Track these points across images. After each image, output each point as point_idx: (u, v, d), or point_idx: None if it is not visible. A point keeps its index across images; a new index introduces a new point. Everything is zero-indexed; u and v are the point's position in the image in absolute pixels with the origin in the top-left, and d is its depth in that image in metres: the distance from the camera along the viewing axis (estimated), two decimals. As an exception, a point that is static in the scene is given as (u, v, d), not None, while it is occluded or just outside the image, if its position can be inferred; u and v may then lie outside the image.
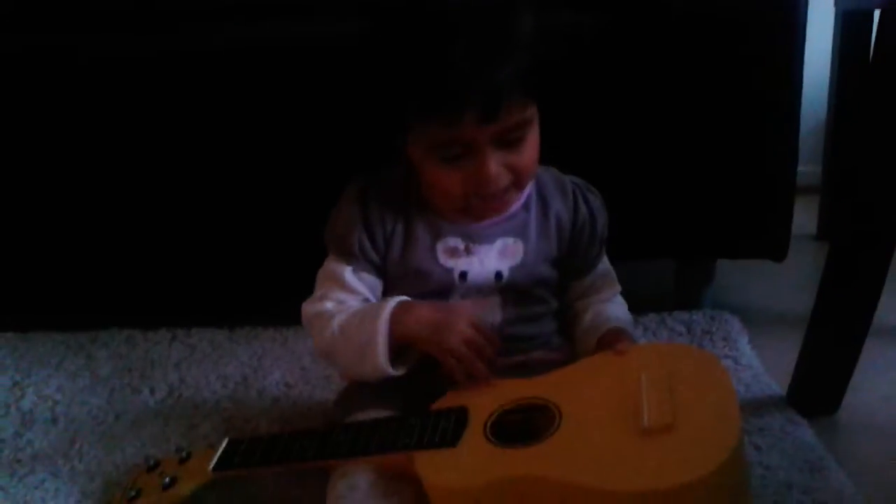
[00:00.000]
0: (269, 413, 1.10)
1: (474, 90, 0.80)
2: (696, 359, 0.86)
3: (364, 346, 0.86)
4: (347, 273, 0.92)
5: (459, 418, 0.82)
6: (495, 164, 0.85)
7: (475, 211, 0.91)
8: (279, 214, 1.28)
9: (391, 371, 0.87)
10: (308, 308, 0.94)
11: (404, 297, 0.89)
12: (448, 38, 0.81)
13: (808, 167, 1.73)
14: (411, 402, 0.88)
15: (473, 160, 0.85)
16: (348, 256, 0.92)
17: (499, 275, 0.92)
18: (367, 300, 0.93)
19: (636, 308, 1.23)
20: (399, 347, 0.87)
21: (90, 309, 1.36)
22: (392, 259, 0.92)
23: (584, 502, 0.71)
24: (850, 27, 1.62)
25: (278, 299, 1.35)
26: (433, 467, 0.78)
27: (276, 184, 1.27)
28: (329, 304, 0.92)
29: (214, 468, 0.88)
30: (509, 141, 0.86)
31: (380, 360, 0.86)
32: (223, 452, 0.89)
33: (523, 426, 0.80)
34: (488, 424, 0.81)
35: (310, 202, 1.25)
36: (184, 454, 0.91)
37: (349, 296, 0.92)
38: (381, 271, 0.94)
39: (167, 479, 0.87)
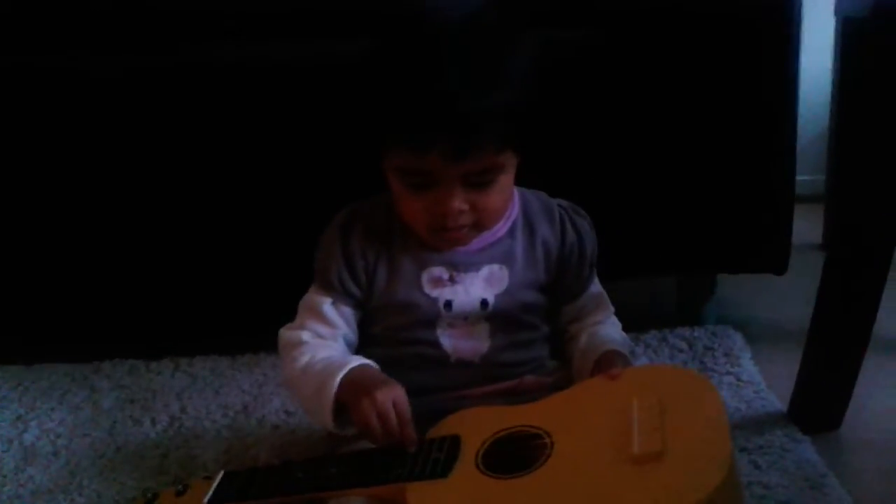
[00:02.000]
0: (269, 441, 1.10)
1: (445, 127, 0.80)
2: (688, 382, 0.85)
3: (316, 398, 0.86)
4: (326, 305, 0.92)
5: (451, 448, 0.82)
6: (458, 201, 0.85)
7: (433, 240, 0.91)
8: (280, 241, 1.29)
9: (337, 430, 0.87)
10: (284, 334, 0.94)
11: (365, 361, 0.89)
12: (433, 69, 0.81)
13: (812, 176, 1.73)
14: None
15: (437, 192, 0.85)
16: (328, 288, 0.93)
17: (484, 303, 0.91)
18: (343, 334, 0.93)
19: (637, 325, 1.24)
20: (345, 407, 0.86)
21: (94, 339, 1.37)
22: (377, 290, 0.93)
23: None
24: (849, 34, 1.61)
25: (280, 325, 1.36)
26: (424, 499, 0.77)
27: (276, 210, 1.27)
28: (305, 335, 0.92)
29: (209, 501, 0.87)
30: (477, 182, 0.85)
31: (326, 417, 0.86)
32: (218, 485, 0.89)
33: (515, 455, 0.80)
34: (480, 454, 0.80)
35: (310, 229, 1.26)
36: (180, 487, 0.91)
37: (325, 328, 0.92)
38: (359, 304, 0.94)
39: (163, 512, 0.88)
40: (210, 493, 0.88)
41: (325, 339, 0.92)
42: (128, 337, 1.37)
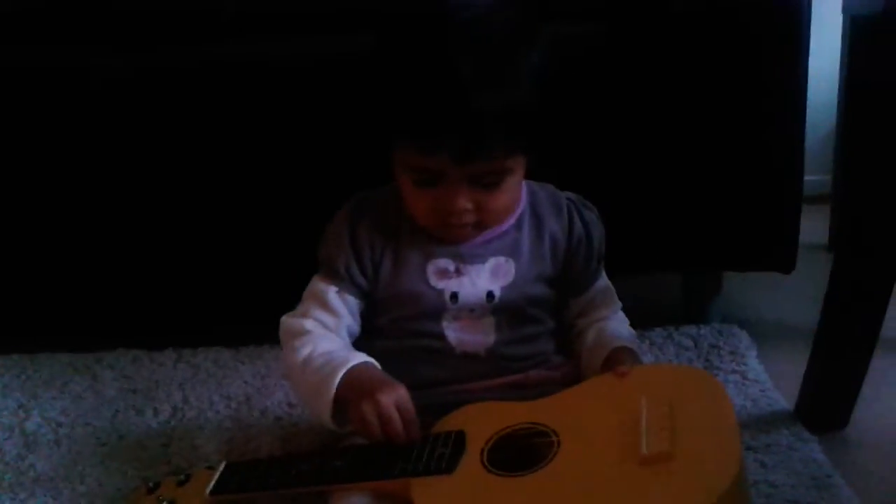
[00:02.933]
0: (271, 433, 1.09)
1: (455, 128, 0.80)
2: (698, 382, 0.85)
3: (315, 394, 0.86)
4: (331, 293, 0.92)
5: (457, 443, 0.81)
6: (463, 200, 0.85)
7: (437, 234, 0.91)
8: (285, 233, 1.28)
9: (334, 427, 0.86)
10: (286, 321, 0.94)
11: (367, 359, 0.88)
12: (444, 70, 0.80)
13: (819, 176, 1.72)
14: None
15: (444, 190, 0.85)
16: (334, 277, 0.92)
17: (490, 295, 0.91)
18: (347, 324, 0.93)
19: (643, 323, 1.23)
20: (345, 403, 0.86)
21: (97, 330, 1.37)
22: (382, 281, 0.92)
23: None
24: (858, 32, 1.60)
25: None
26: (429, 495, 0.77)
27: (280, 202, 1.27)
28: (308, 323, 0.91)
29: (211, 492, 0.87)
30: (484, 182, 0.85)
31: (325, 414, 0.85)
32: (220, 476, 0.89)
33: (521, 452, 0.79)
34: (485, 450, 0.80)
35: (314, 220, 1.25)
36: (182, 476, 0.91)
37: (329, 316, 0.92)
38: (365, 294, 0.93)
39: (164, 503, 0.87)
40: (212, 483, 0.88)
41: (327, 330, 0.92)
42: (131, 327, 1.36)
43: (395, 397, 0.82)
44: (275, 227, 1.28)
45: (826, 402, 1.05)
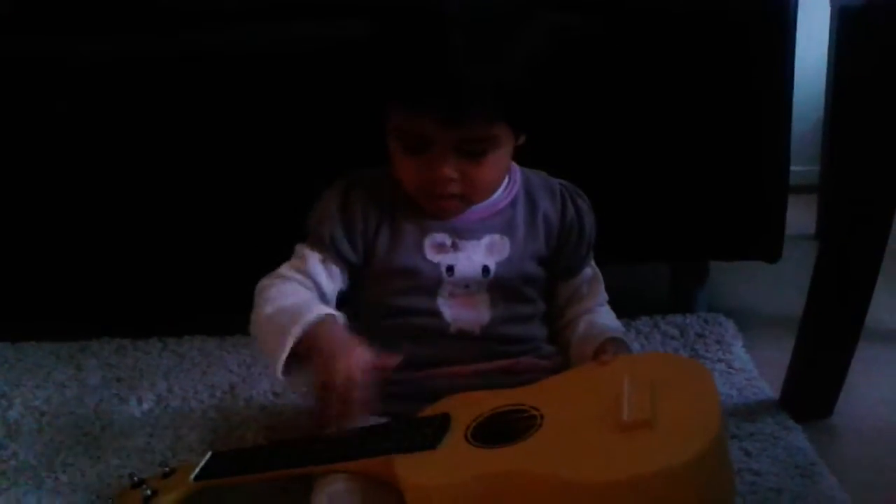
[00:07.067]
0: (256, 422, 1.09)
1: (441, 91, 0.82)
2: (682, 365, 0.87)
3: (274, 344, 0.84)
4: (313, 259, 0.92)
5: (441, 424, 0.82)
6: (449, 168, 0.86)
7: (426, 205, 0.91)
8: (271, 222, 1.27)
9: (281, 378, 0.85)
10: (263, 280, 0.93)
11: (332, 312, 0.87)
12: (436, 39, 0.82)
13: (807, 166, 1.72)
14: (397, 409, 0.88)
15: (431, 157, 0.86)
16: (320, 246, 0.92)
17: (486, 269, 0.92)
18: (326, 293, 0.92)
19: (629, 312, 1.23)
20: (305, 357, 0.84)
21: (81, 318, 1.36)
22: (378, 255, 0.92)
23: (561, 495, 0.70)
24: (845, 24, 1.61)
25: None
26: (412, 468, 0.77)
27: (267, 190, 1.26)
28: (283, 283, 0.91)
29: (195, 478, 0.87)
30: (470, 151, 0.86)
31: (278, 364, 0.83)
32: (206, 464, 0.89)
33: (505, 429, 0.80)
34: (470, 428, 0.80)
35: (302, 209, 1.25)
36: (167, 469, 0.90)
37: (306, 280, 0.91)
38: (351, 267, 0.93)
39: (148, 492, 0.86)
40: (197, 469, 0.87)
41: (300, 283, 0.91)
42: (115, 316, 1.36)
43: (362, 361, 0.79)
44: (261, 215, 1.27)
45: (811, 391, 1.05)
